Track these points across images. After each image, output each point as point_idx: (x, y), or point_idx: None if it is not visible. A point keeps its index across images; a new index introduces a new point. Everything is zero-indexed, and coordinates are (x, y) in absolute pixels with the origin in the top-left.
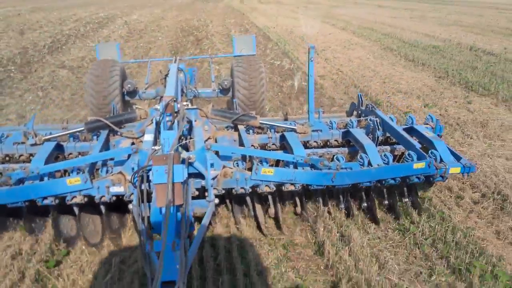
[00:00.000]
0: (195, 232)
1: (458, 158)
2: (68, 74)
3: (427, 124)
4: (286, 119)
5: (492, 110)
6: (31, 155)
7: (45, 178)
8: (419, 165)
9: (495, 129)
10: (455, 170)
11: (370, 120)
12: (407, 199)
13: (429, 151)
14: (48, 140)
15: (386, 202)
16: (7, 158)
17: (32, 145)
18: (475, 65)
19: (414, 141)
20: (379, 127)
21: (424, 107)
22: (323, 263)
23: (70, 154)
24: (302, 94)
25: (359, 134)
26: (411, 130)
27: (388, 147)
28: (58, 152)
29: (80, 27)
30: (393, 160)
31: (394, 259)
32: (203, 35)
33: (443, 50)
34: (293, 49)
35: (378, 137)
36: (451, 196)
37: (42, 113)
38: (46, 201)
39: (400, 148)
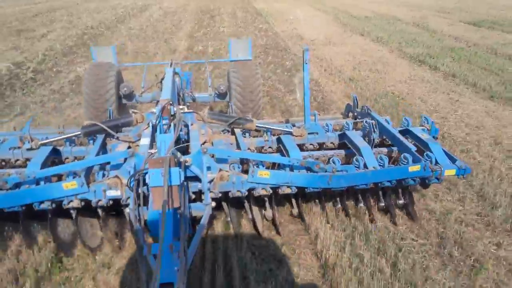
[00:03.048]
0: (193, 235)
1: (453, 160)
2: (138, 31)
3: (422, 126)
4: (287, 121)
5: (361, 41)
6: (27, 159)
7: (41, 183)
8: (414, 168)
9: (356, 48)
10: (450, 172)
11: (366, 122)
12: (401, 201)
13: (424, 153)
14: (44, 144)
15: (382, 204)
16: (3, 163)
17: (28, 149)
18: (376, 24)
19: (410, 143)
20: (375, 130)
21: (325, 39)
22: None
23: (67, 158)
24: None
25: (355, 136)
26: (406, 132)
27: (385, 149)
28: (54, 157)
29: (129, 10)
30: (389, 162)
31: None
32: (216, 14)
33: (371, 18)
34: (273, 20)
35: (373, 139)
36: None
37: (135, 45)
38: (42, 206)
39: (396, 150)
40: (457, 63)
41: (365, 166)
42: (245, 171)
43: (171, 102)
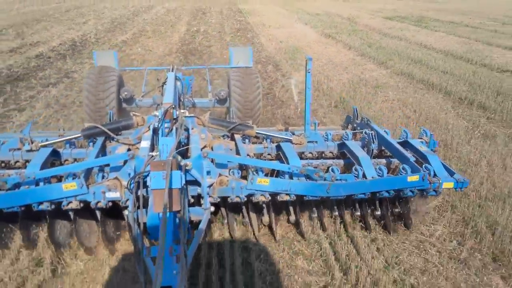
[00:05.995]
0: (192, 239)
1: (451, 173)
2: (151, 21)
3: (421, 138)
4: (287, 129)
5: (302, 27)
6: (27, 161)
7: (41, 184)
8: (413, 178)
9: (295, 30)
10: (448, 185)
11: (365, 133)
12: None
13: (423, 165)
14: (44, 146)
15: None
16: (2, 165)
17: (28, 151)
18: (320, 18)
19: (409, 154)
20: (374, 140)
21: (278, 25)
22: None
23: (66, 160)
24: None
25: (354, 146)
26: (405, 144)
27: (383, 160)
28: (54, 158)
29: (139, 8)
30: (388, 174)
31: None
32: (207, 11)
33: (320, 15)
34: (248, 15)
35: (372, 150)
36: None
37: (151, 28)
38: (41, 206)
39: (395, 161)
40: (349, 36)
41: (364, 176)
42: (244, 177)
43: (173, 106)
